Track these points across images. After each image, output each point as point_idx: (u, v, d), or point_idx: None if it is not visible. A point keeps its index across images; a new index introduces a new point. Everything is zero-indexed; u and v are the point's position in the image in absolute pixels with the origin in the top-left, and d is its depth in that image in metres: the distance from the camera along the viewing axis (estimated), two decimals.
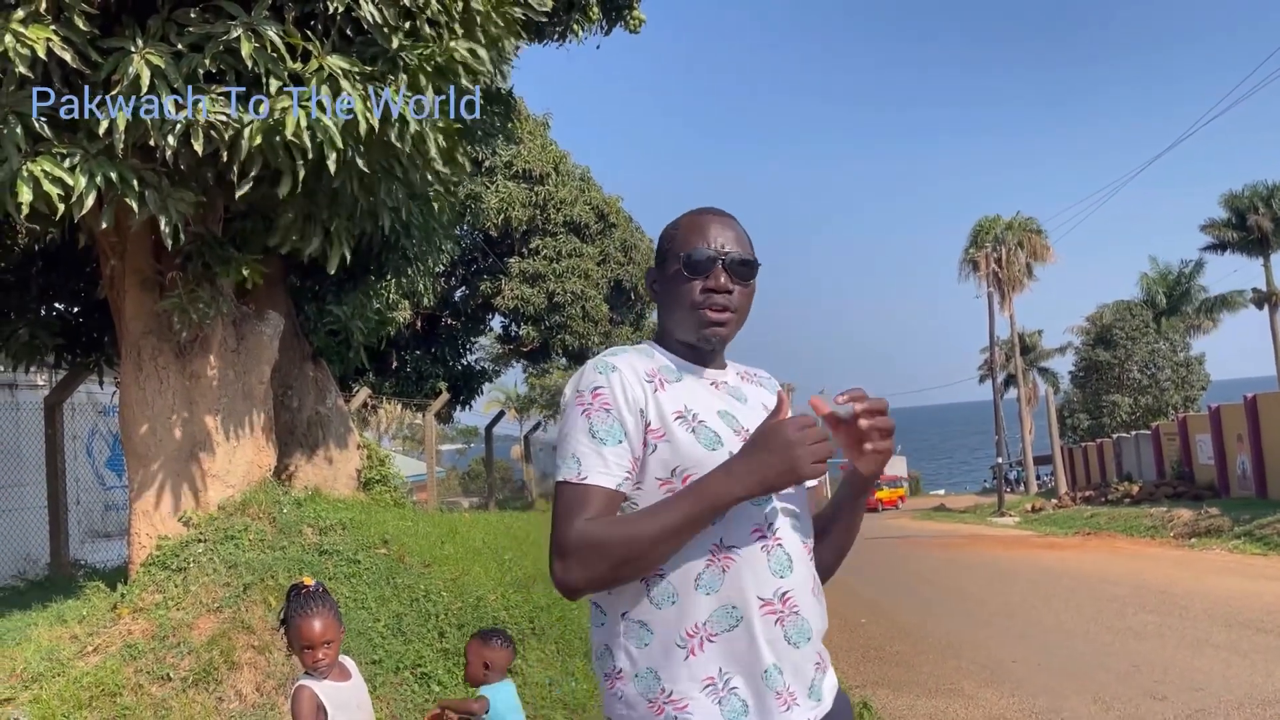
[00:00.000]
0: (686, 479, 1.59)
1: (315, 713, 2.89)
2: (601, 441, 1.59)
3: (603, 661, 1.65)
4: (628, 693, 1.60)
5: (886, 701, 6.38)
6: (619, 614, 1.61)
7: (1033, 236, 39.26)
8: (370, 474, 8.98)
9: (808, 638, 1.62)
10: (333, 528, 5.83)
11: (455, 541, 7.05)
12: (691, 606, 1.57)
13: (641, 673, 1.59)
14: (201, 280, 5.39)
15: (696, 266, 1.70)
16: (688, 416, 1.64)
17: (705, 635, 1.57)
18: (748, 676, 1.57)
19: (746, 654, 1.57)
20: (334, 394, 8.91)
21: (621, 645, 1.61)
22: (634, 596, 1.59)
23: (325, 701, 2.91)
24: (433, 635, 5.34)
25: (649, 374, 1.67)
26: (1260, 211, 36.09)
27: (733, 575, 1.58)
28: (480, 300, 17.61)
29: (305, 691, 2.90)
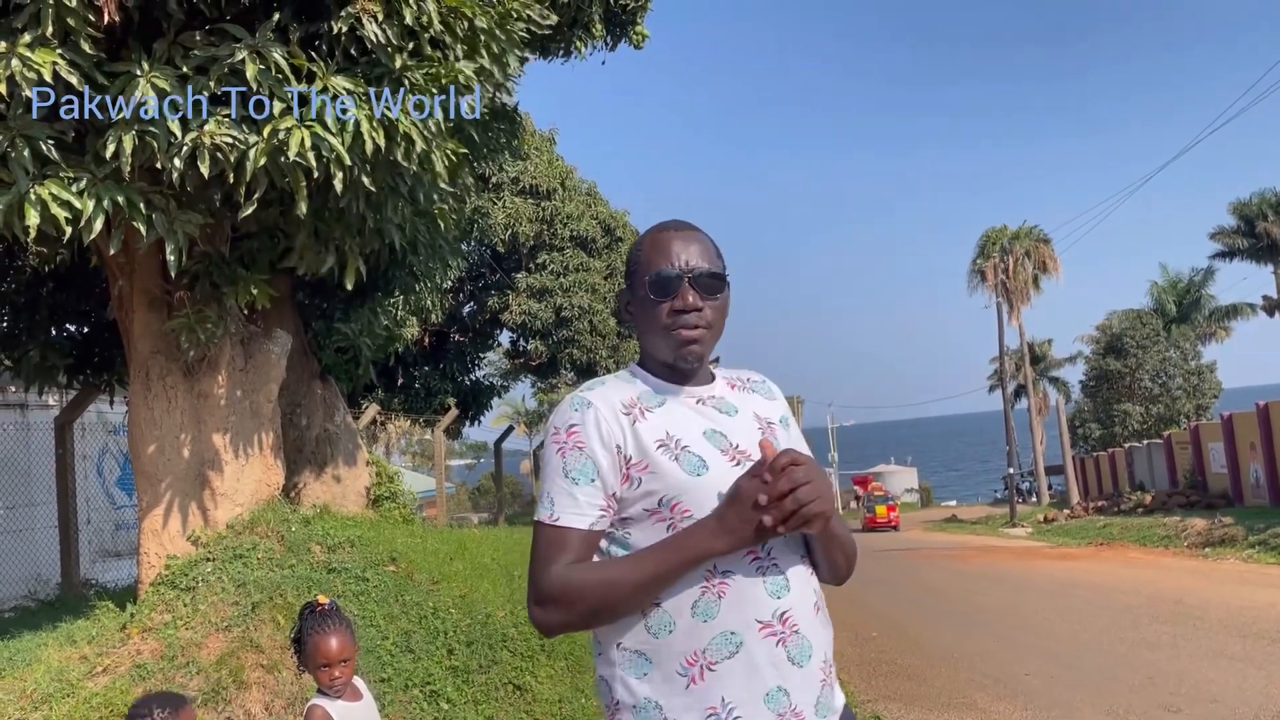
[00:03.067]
0: (675, 507, 1.58)
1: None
2: (574, 481, 1.58)
3: (603, 694, 1.62)
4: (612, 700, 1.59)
5: (898, 715, 6.34)
6: (614, 644, 1.59)
7: (1040, 246, 39.19)
8: (379, 491, 8.99)
9: (809, 655, 1.60)
10: (341, 545, 5.83)
11: (464, 558, 7.05)
12: (690, 634, 1.54)
13: (641, 704, 1.56)
14: (209, 300, 5.41)
15: (663, 287, 1.66)
16: (670, 444, 1.61)
17: (705, 663, 1.54)
18: (750, 702, 1.54)
19: (748, 679, 1.54)
20: (342, 411, 8.94)
21: (619, 677, 1.58)
22: (631, 627, 1.57)
23: (338, 719, 2.91)
24: (441, 653, 5.33)
25: (627, 405, 1.65)
26: (1269, 219, 35.99)
27: (729, 601, 1.55)
28: (488, 316, 17.64)
29: (319, 711, 2.90)
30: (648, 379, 1.72)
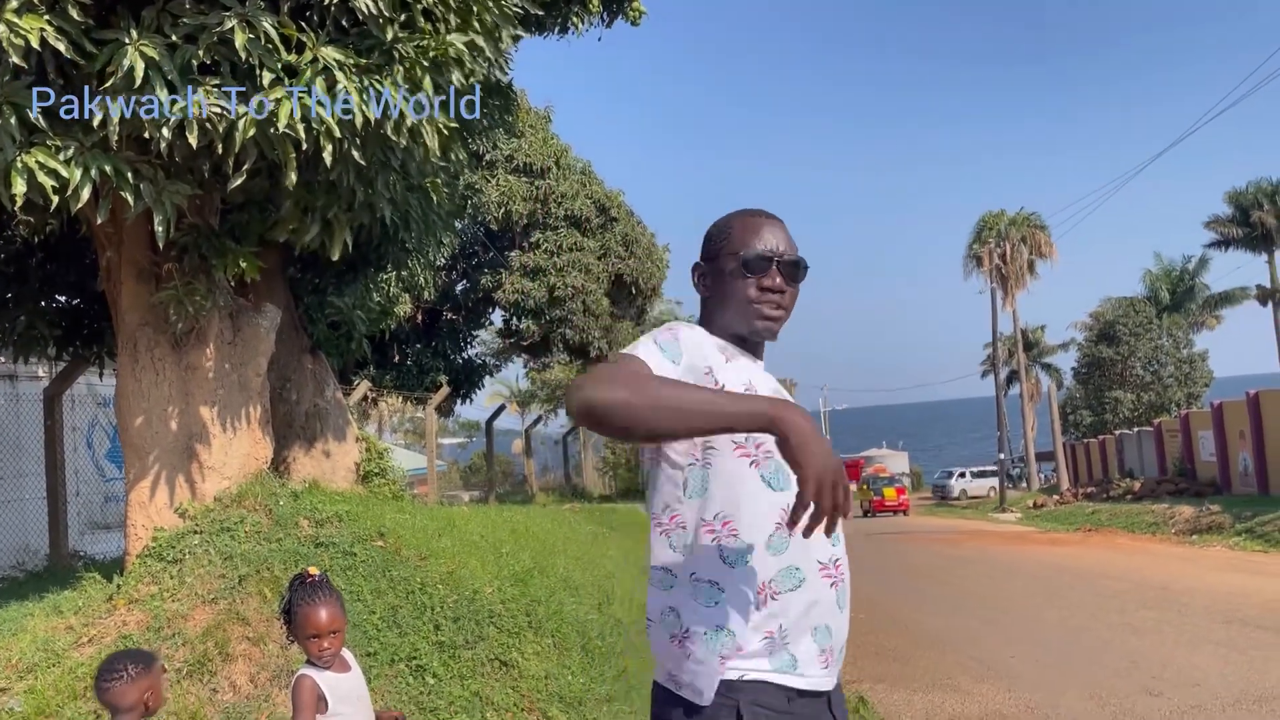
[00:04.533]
0: (760, 446, 1.68)
1: (315, 703, 2.89)
2: (662, 350, 1.69)
3: (668, 623, 1.70)
4: (697, 651, 1.65)
5: (883, 696, 6.38)
6: (689, 575, 1.68)
7: (1036, 232, 39.21)
8: (369, 467, 8.98)
9: (848, 605, 1.77)
10: (329, 520, 5.82)
11: (453, 535, 7.05)
12: (761, 566, 1.67)
13: (713, 631, 1.65)
14: (198, 272, 5.39)
15: (754, 265, 1.80)
16: (752, 389, 1.74)
17: (771, 593, 1.66)
18: (801, 633, 1.68)
19: (804, 613, 1.68)
20: (332, 387, 8.91)
21: (692, 605, 1.67)
22: (706, 557, 1.67)
23: (326, 692, 2.91)
24: (428, 628, 5.33)
25: (719, 345, 1.79)
26: (1264, 208, 36.03)
27: (798, 539, 1.64)
28: (481, 294, 17.59)
29: (306, 681, 2.90)
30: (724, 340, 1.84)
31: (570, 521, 13.48)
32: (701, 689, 1.64)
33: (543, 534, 9.83)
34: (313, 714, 2.88)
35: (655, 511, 1.77)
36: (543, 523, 11.07)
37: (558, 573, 7.91)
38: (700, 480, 1.70)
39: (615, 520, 16.86)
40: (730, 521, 1.68)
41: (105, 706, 2.76)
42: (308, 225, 5.17)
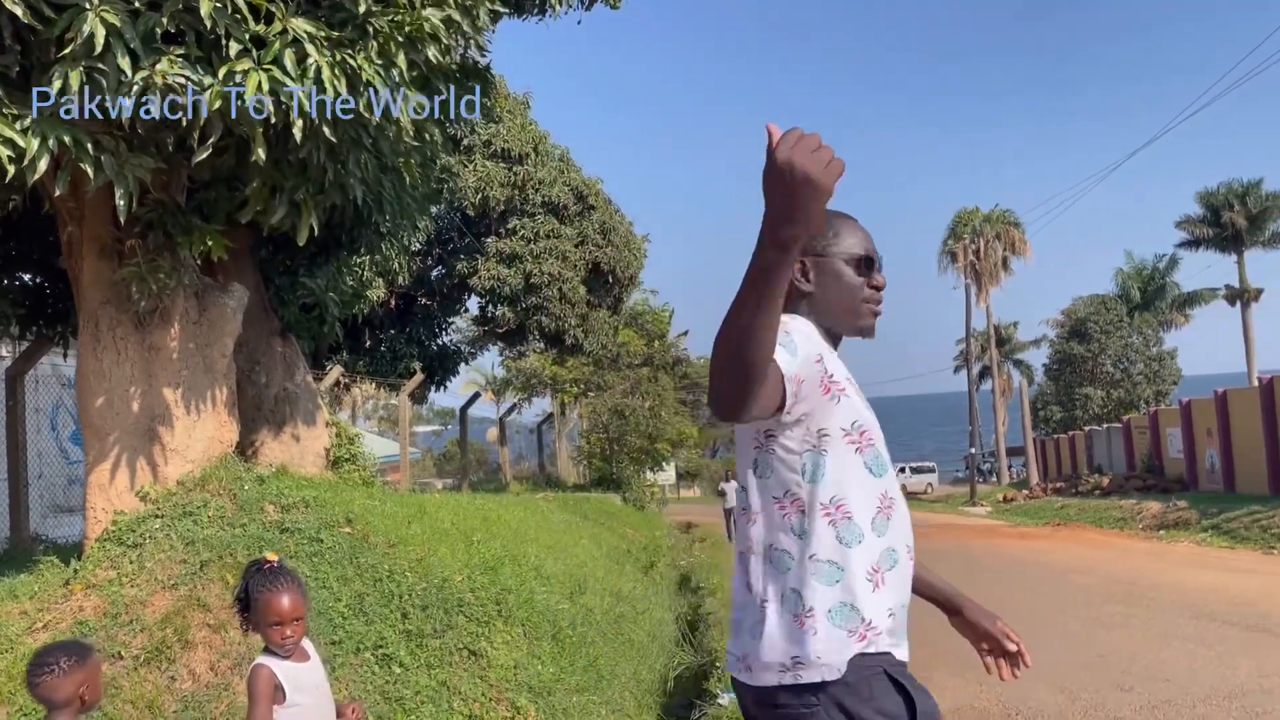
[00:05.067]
0: (864, 434, 1.81)
1: (273, 693, 2.79)
2: (782, 345, 1.67)
3: (790, 604, 1.76)
4: (823, 628, 1.72)
5: None
6: (808, 556, 1.75)
7: (1010, 229, 39.47)
8: (339, 453, 8.84)
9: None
10: (295, 505, 5.71)
11: (423, 522, 6.94)
12: (871, 547, 1.78)
13: (836, 608, 1.74)
14: (162, 249, 5.24)
15: (870, 265, 1.92)
16: (852, 382, 1.88)
17: (881, 572, 1.79)
18: (900, 610, 1.83)
19: (900, 590, 1.84)
20: (303, 370, 8.77)
21: (812, 585, 1.74)
22: (824, 539, 1.75)
23: (284, 682, 2.81)
24: (395, 616, 5.24)
25: (820, 334, 1.87)
26: (1235, 209, 36.43)
27: (895, 522, 1.83)
28: (456, 280, 17.42)
29: (264, 671, 2.80)
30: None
31: (543, 510, 13.38)
32: (835, 663, 1.71)
33: (515, 522, 9.74)
34: (270, 705, 2.79)
35: (773, 496, 1.81)
36: (515, 511, 10.97)
37: (529, 561, 7.83)
38: (817, 466, 1.78)
39: (589, 509, 16.77)
40: (844, 505, 1.77)
41: (39, 701, 2.64)
42: (276, 205, 5.04)
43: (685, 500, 46.11)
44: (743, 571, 1.85)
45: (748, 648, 1.80)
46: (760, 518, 1.82)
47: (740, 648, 1.82)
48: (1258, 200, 36.46)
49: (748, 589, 1.83)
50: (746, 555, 1.84)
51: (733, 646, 1.86)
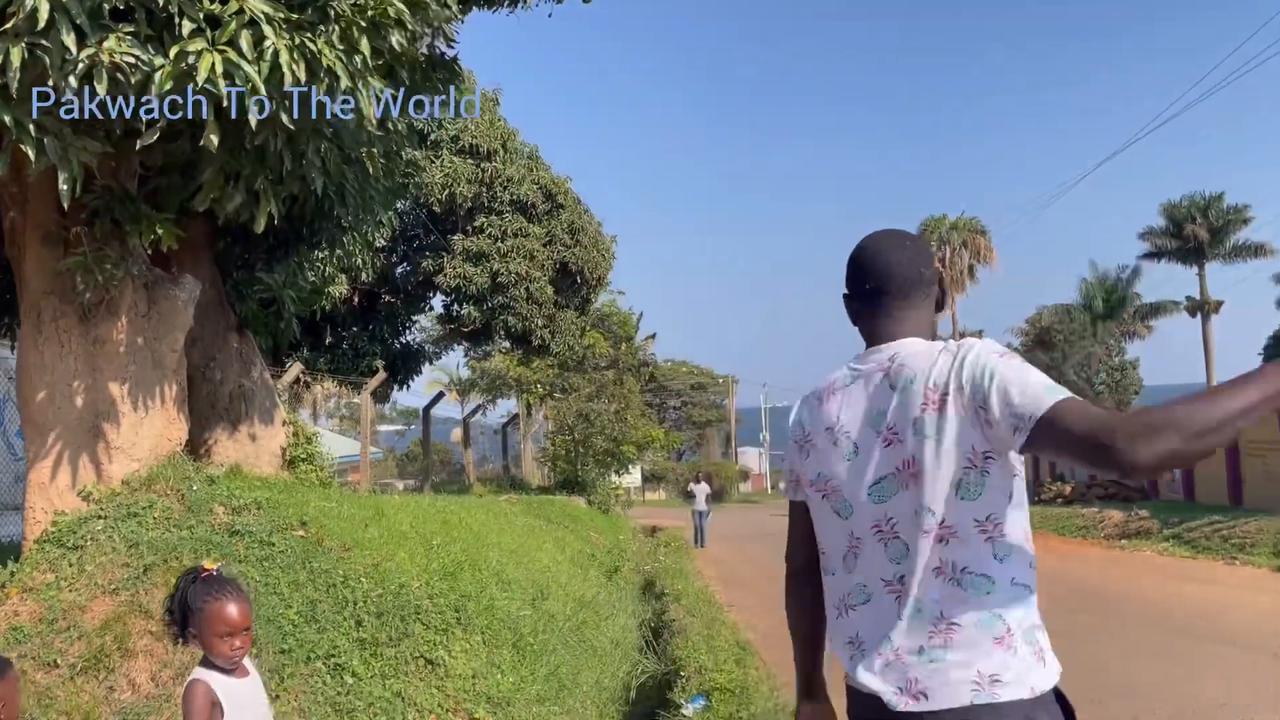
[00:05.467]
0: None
1: (209, 710, 2.60)
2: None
3: (991, 628, 1.74)
4: (1020, 649, 1.74)
5: None
6: (1009, 580, 1.76)
7: (977, 237, 39.77)
8: (296, 452, 8.59)
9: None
10: (247, 507, 5.49)
11: (380, 525, 6.74)
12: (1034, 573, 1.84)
13: (1026, 629, 1.77)
14: (110, 238, 5.02)
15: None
16: None
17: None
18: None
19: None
20: (259, 367, 8.52)
21: (1011, 609, 1.76)
22: (1021, 562, 1.78)
23: (222, 699, 2.62)
24: (349, 624, 5.04)
25: None
26: (1197, 221, 36.90)
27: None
28: (421, 277, 17.13)
29: (201, 687, 2.61)
30: None
31: (506, 513, 13.18)
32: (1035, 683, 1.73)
33: (476, 525, 9.54)
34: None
35: (975, 518, 1.77)
36: (477, 514, 10.77)
37: (490, 566, 7.65)
38: (1020, 492, 1.81)
39: (552, 512, 16.57)
40: (1029, 532, 1.84)
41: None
42: (231, 194, 4.83)
43: (650, 503, 45.96)
44: (920, 598, 1.78)
45: (919, 672, 1.75)
46: (957, 541, 1.77)
47: (905, 675, 1.77)
48: (1219, 214, 36.97)
49: (917, 613, 1.78)
50: (920, 576, 1.78)
51: (889, 679, 1.79)
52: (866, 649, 1.83)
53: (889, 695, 1.77)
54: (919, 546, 1.77)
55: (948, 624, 1.75)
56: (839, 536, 1.90)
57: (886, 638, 1.79)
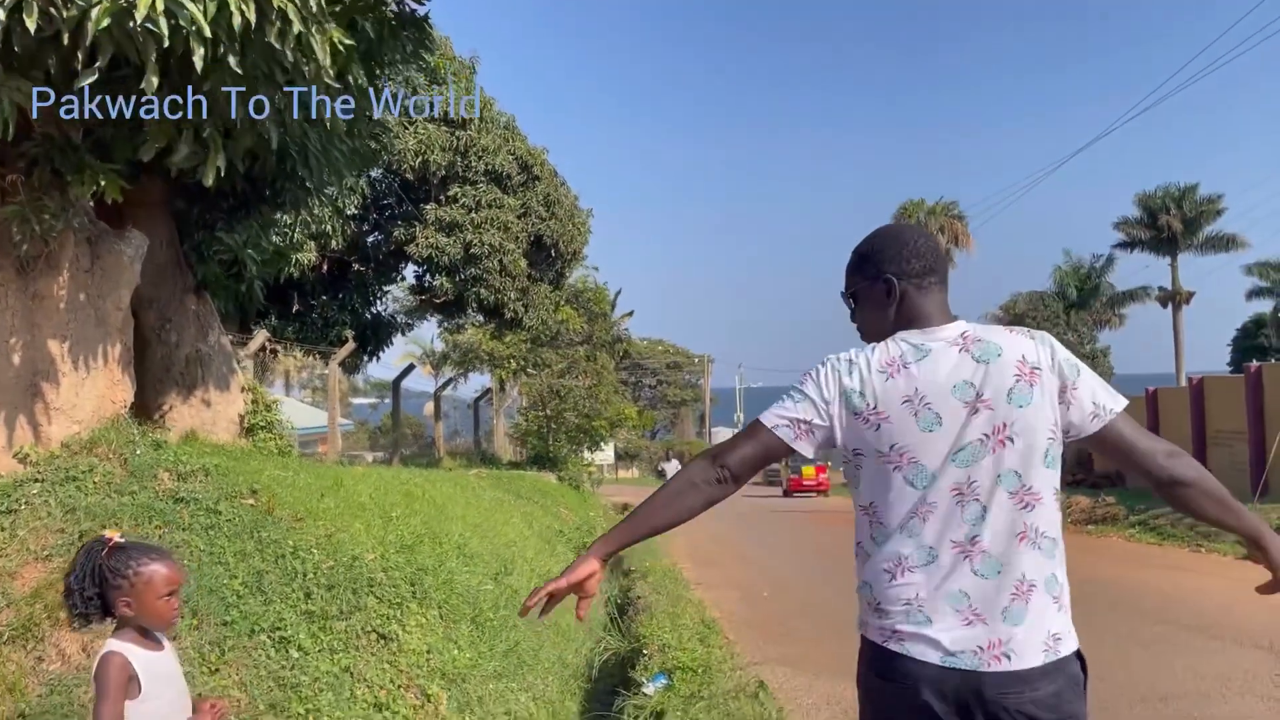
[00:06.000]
0: None
1: (125, 684, 2.41)
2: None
3: (1051, 589, 1.91)
4: (1066, 608, 1.95)
5: (784, 681, 6.13)
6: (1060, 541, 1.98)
7: (954, 222, 39.81)
8: (254, 420, 8.36)
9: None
10: (194, 474, 5.28)
11: (338, 495, 6.54)
12: None
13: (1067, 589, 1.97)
14: (50, 188, 4.77)
15: None
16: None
17: None
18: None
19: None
20: (217, 331, 8.26)
21: (1062, 570, 1.96)
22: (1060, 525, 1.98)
23: (140, 673, 2.43)
24: (297, 596, 4.86)
25: None
26: (1171, 212, 37.09)
27: None
28: (393, 247, 16.81)
29: (117, 659, 2.41)
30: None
31: (474, 487, 13.00)
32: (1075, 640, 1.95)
33: (441, 499, 9.35)
34: (122, 699, 2.40)
35: (1053, 486, 1.96)
36: (443, 487, 10.58)
37: (452, 540, 7.47)
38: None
39: (522, 487, 16.40)
40: None
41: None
42: (179, 144, 4.59)
43: (624, 481, 45.91)
44: (999, 559, 1.89)
45: (1003, 632, 1.86)
46: (1040, 506, 1.92)
47: (988, 635, 1.86)
48: (1193, 205, 37.18)
49: (996, 573, 1.88)
50: (1002, 539, 1.90)
51: (968, 640, 1.87)
52: (929, 609, 1.89)
53: (968, 656, 1.85)
54: (1001, 509, 1.89)
55: (1028, 585, 1.88)
56: (904, 505, 1.93)
57: (963, 596, 1.88)
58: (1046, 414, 1.92)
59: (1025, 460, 1.90)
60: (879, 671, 1.94)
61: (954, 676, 1.84)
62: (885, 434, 1.94)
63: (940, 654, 1.86)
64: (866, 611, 2.00)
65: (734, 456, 2.02)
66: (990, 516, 1.88)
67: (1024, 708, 1.83)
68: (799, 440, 1.99)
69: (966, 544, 1.89)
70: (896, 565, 1.93)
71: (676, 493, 2.02)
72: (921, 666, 1.86)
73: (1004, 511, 1.89)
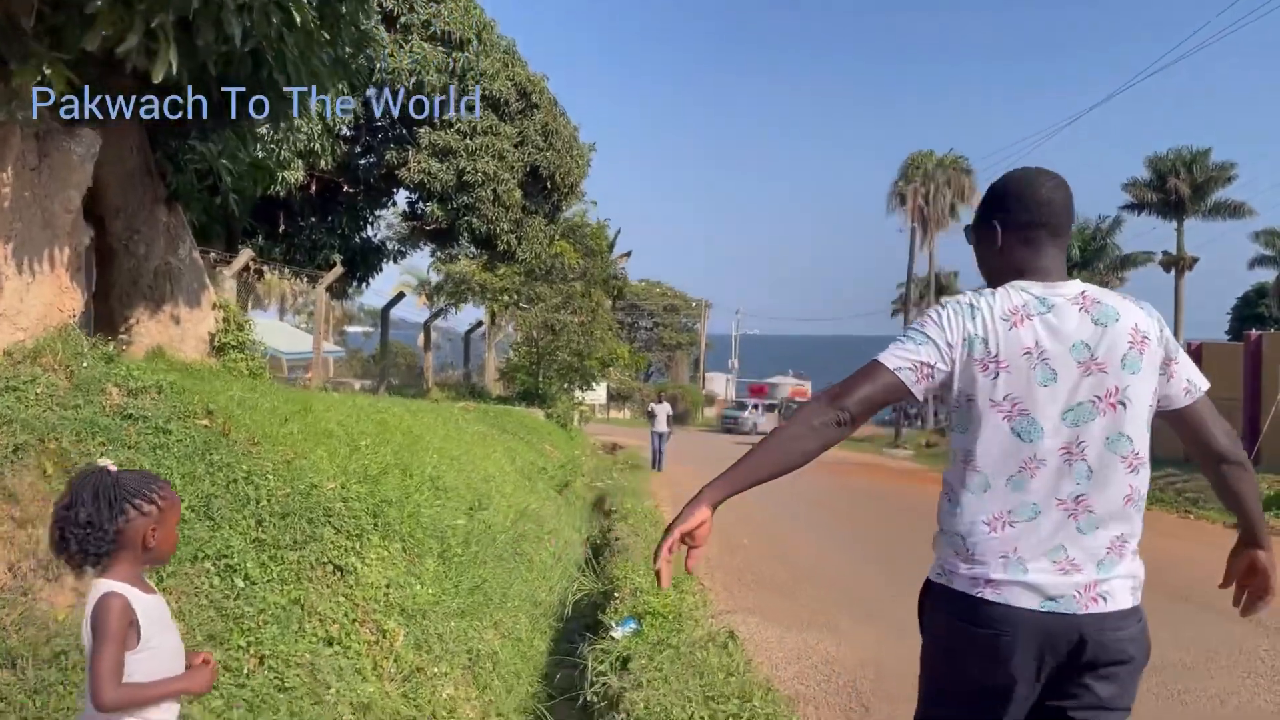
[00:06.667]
0: None
1: (125, 631, 2.09)
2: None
3: (1136, 541, 2.00)
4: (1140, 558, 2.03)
5: (754, 631, 5.96)
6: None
7: (961, 176, 39.21)
8: (225, 339, 8.09)
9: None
10: (146, 390, 5.01)
11: (304, 421, 6.28)
12: None
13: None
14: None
15: None
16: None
17: None
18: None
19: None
20: (189, 244, 7.95)
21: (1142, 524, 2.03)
22: None
23: (141, 618, 2.13)
24: (248, 523, 4.62)
25: None
26: (1181, 176, 36.56)
27: None
28: (385, 170, 16.36)
29: (119, 602, 2.09)
30: None
31: (458, 419, 12.77)
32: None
33: (419, 429, 9.11)
34: (122, 647, 2.09)
35: (1151, 450, 2.02)
36: (424, 418, 10.34)
37: (424, 472, 7.24)
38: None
39: (508, 422, 16.18)
40: None
41: None
42: (127, 30, 4.23)
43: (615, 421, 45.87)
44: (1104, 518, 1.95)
45: (1097, 576, 1.94)
46: (1142, 468, 1.99)
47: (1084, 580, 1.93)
48: (1203, 169, 36.63)
49: (1095, 529, 1.95)
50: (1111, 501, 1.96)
51: (1066, 585, 1.93)
52: (1028, 560, 1.93)
53: (1068, 600, 1.92)
54: (1112, 471, 1.95)
55: (1123, 540, 1.97)
56: (1012, 457, 1.95)
57: (1061, 549, 1.93)
58: (1151, 382, 1.99)
59: (1134, 425, 1.97)
60: (968, 619, 1.95)
61: (1052, 621, 1.91)
62: (1002, 383, 1.95)
63: (1039, 599, 1.91)
64: (952, 561, 2.01)
65: (854, 398, 1.98)
66: (1098, 477, 1.94)
67: (1120, 644, 1.93)
68: (919, 383, 1.99)
69: (1071, 502, 1.94)
70: (997, 518, 1.95)
71: (793, 436, 2.00)
72: (1017, 613, 1.91)
73: (1114, 473, 1.95)
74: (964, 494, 2.00)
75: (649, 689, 4.51)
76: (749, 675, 4.71)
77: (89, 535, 2.12)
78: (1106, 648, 1.92)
